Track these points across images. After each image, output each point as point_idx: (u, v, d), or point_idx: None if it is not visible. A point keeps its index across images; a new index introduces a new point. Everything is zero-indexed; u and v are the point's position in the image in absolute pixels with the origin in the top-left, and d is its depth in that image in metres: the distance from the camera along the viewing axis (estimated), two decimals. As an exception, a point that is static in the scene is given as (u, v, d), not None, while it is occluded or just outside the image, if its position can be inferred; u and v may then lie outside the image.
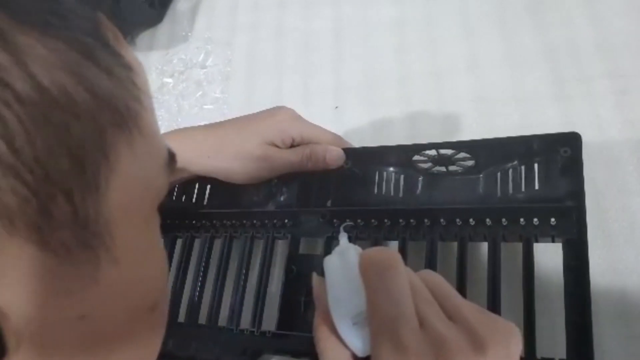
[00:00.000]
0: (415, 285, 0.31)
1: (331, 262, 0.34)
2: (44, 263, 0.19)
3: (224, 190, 0.52)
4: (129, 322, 0.26)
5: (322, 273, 0.35)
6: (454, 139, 0.54)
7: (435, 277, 0.33)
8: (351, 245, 0.35)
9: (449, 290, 0.32)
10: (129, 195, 0.23)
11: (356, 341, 0.31)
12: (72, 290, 0.21)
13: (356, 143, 0.54)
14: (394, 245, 0.44)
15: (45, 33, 0.19)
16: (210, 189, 0.54)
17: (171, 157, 0.28)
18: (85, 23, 0.21)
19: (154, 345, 0.30)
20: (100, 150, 0.20)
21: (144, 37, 0.82)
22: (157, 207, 0.27)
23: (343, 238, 0.36)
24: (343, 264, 0.33)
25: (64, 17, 0.20)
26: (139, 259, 0.25)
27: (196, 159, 0.49)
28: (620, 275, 0.44)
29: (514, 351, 0.29)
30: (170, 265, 0.53)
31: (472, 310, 0.31)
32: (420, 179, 0.45)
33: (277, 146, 0.48)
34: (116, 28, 0.24)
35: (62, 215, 0.19)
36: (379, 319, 0.30)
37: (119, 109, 0.21)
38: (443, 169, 0.45)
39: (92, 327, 0.23)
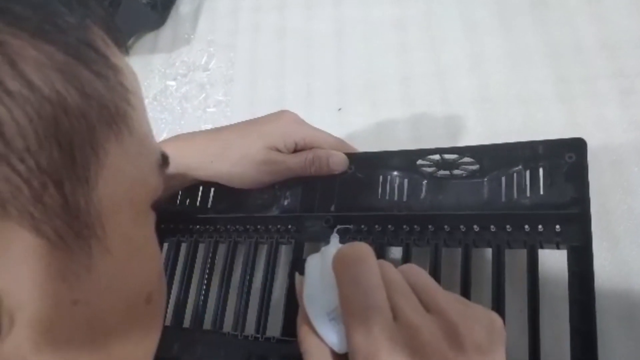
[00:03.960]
0: (390, 277, 0.31)
1: (311, 262, 0.35)
2: (38, 249, 0.21)
3: (227, 194, 0.52)
4: (124, 311, 0.27)
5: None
6: (458, 140, 0.54)
7: (415, 270, 0.33)
8: (335, 244, 0.35)
9: (429, 282, 0.32)
10: (119, 189, 0.24)
11: (332, 336, 0.31)
12: (65, 275, 0.22)
13: (359, 144, 0.53)
14: (398, 250, 0.44)
15: (37, 37, 0.20)
16: (214, 193, 0.54)
17: (164, 158, 0.29)
18: (75, 29, 0.22)
19: (151, 339, 0.31)
20: (90, 145, 0.22)
21: (146, 40, 0.83)
22: (153, 206, 0.28)
23: (334, 239, 0.36)
24: (322, 262, 0.34)
25: (55, 24, 0.21)
26: (131, 251, 0.26)
27: (199, 164, 0.49)
28: (626, 277, 0.43)
29: (495, 341, 0.29)
30: (175, 270, 0.54)
31: (451, 300, 0.30)
32: (425, 182, 0.45)
33: (280, 151, 0.48)
34: (106, 35, 0.25)
35: (54, 205, 0.21)
36: (350, 311, 0.30)
37: (107, 108, 0.23)
38: (447, 172, 0.45)
39: (86, 313, 0.24)
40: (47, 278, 0.21)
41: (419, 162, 0.45)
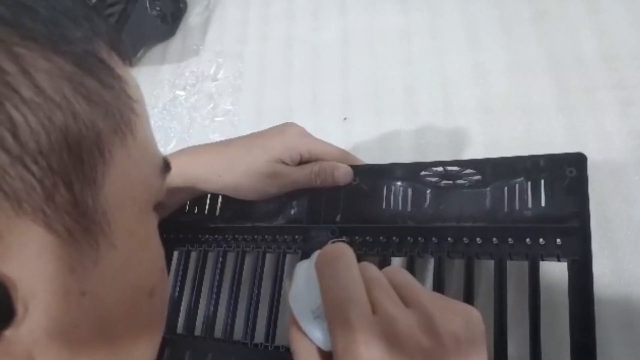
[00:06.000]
0: (371, 275, 0.32)
1: (300, 265, 0.36)
2: (49, 243, 0.22)
3: (235, 203, 0.53)
4: (129, 303, 0.28)
5: None
6: (460, 149, 0.55)
7: (397, 270, 0.34)
8: None
9: (410, 280, 0.33)
10: (123, 189, 0.26)
11: (316, 333, 0.32)
12: (74, 268, 0.24)
13: (364, 154, 0.55)
14: (401, 262, 0.44)
15: (48, 49, 0.22)
16: (222, 202, 0.55)
17: (166, 163, 0.31)
18: (82, 42, 0.24)
19: (154, 333, 0.32)
20: (97, 149, 0.24)
21: (156, 51, 0.84)
22: (156, 208, 0.30)
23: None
24: (308, 264, 0.35)
25: (64, 36, 0.23)
26: (135, 246, 0.28)
27: (206, 178, 0.50)
28: (625, 284, 0.44)
29: (474, 332, 0.30)
30: (185, 279, 0.55)
31: (430, 296, 0.31)
32: (428, 191, 0.46)
33: (285, 163, 0.48)
34: (111, 49, 0.27)
35: (64, 203, 0.22)
36: (329, 305, 0.31)
37: (112, 115, 0.25)
38: (450, 182, 0.45)
39: (94, 304, 0.25)
40: (57, 270, 0.23)
41: (423, 173, 0.46)
